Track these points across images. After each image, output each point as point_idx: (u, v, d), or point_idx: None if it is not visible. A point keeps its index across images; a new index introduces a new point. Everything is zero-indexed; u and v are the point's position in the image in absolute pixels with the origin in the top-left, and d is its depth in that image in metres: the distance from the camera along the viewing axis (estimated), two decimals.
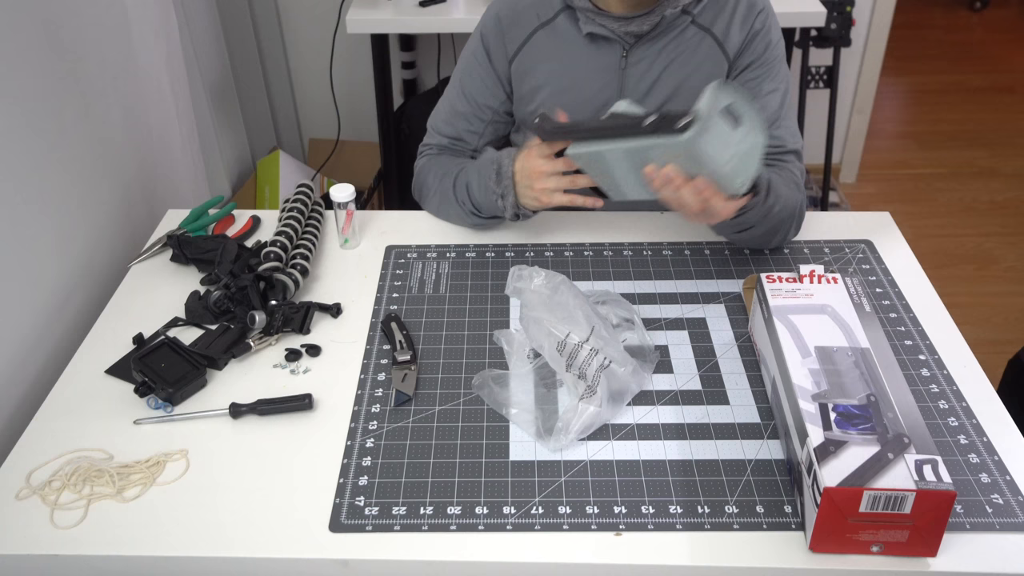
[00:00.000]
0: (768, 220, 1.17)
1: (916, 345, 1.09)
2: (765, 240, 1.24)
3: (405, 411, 1.01)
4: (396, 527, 0.87)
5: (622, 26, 1.22)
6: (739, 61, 1.26)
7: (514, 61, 1.30)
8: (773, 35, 1.26)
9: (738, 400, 1.02)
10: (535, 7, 1.28)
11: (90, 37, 1.36)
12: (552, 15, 1.27)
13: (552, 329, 1.01)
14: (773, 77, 1.26)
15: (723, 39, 1.24)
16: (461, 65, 1.36)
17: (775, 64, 1.26)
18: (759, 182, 1.11)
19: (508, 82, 1.33)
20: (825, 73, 2.62)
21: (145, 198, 1.53)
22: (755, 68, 1.25)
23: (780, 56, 1.26)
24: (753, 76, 1.25)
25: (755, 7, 1.24)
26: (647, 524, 0.87)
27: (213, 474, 0.94)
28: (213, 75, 2.23)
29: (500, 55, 1.31)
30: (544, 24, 1.28)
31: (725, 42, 1.24)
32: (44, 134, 1.21)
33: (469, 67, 1.34)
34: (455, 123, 1.36)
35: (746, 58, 1.25)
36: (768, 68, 1.25)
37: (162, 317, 1.16)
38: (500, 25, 1.30)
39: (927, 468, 0.78)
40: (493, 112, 1.35)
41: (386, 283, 1.22)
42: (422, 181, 1.37)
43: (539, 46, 1.29)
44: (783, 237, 1.25)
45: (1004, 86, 3.74)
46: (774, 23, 1.26)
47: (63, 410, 1.02)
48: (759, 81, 1.25)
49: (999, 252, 2.68)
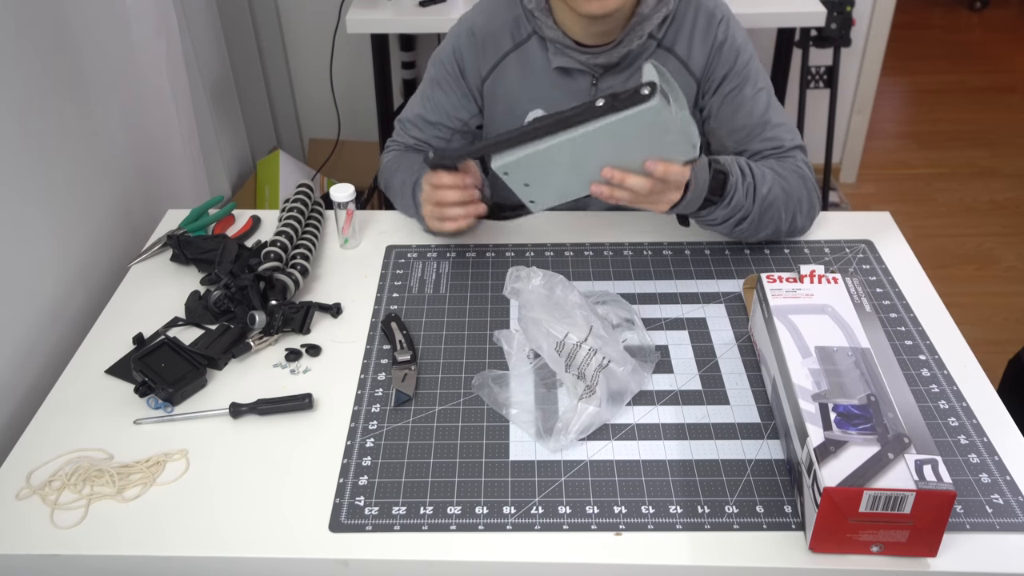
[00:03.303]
0: (760, 205, 1.16)
1: (916, 345, 1.09)
2: (767, 228, 1.21)
3: (405, 411, 1.01)
4: (396, 527, 0.87)
5: (591, 59, 1.21)
6: (710, 77, 1.25)
7: (487, 81, 1.30)
8: (739, 41, 1.24)
9: (738, 400, 1.02)
10: (510, 27, 1.27)
11: (90, 37, 1.36)
12: (525, 37, 1.26)
13: (550, 329, 1.01)
14: (752, 82, 1.25)
15: (686, 59, 1.24)
16: (432, 73, 1.33)
17: (749, 68, 1.25)
18: (726, 163, 1.13)
19: (480, 98, 1.32)
20: (825, 73, 2.62)
21: (145, 198, 1.53)
22: (731, 79, 1.25)
23: (751, 58, 1.26)
24: (732, 87, 1.25)
25: (713, 19, 1.23)
26: (647, 524, 0.87)
27: (213, 474, 0.94)
28: (213, 75, 2.23)
29: (473, 72, 1.30)
30: (517, 46, 1.27)
31: (688, 61, 1.24)
32: (44, 134, 1.21)
33: (440, 79, 1.32)
34: (424, 129, 1.35)
35: (718, 72, 1.25)
36: (744, 75, 1.25)
37: (162, 317, 1.16)
38: (474, 41, 1.28)
39: (927, 468, 0.78)
40: (463, 123, 1.34)
41: (386, 283, 1.22)
42: (387, 179, 1.36)
43: (510, 70, 1.28)
44: (790, 223, 1.22)
45: (1004, 86, 3.73)
46: (736, 28, 1.25)
47: (63, 410, 1.02)
48: (739, 89, 1.24)
49: (999, 252, 2.68)
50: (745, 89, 1.25)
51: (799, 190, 1.22)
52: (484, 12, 1.29)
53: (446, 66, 1.31)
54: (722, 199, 1.13)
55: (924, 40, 4.16)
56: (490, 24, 1.27)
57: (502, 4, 1.27)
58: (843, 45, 2.46)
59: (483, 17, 1.28)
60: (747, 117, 1.25)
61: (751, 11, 2.09)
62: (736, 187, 1.13)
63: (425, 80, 1.35)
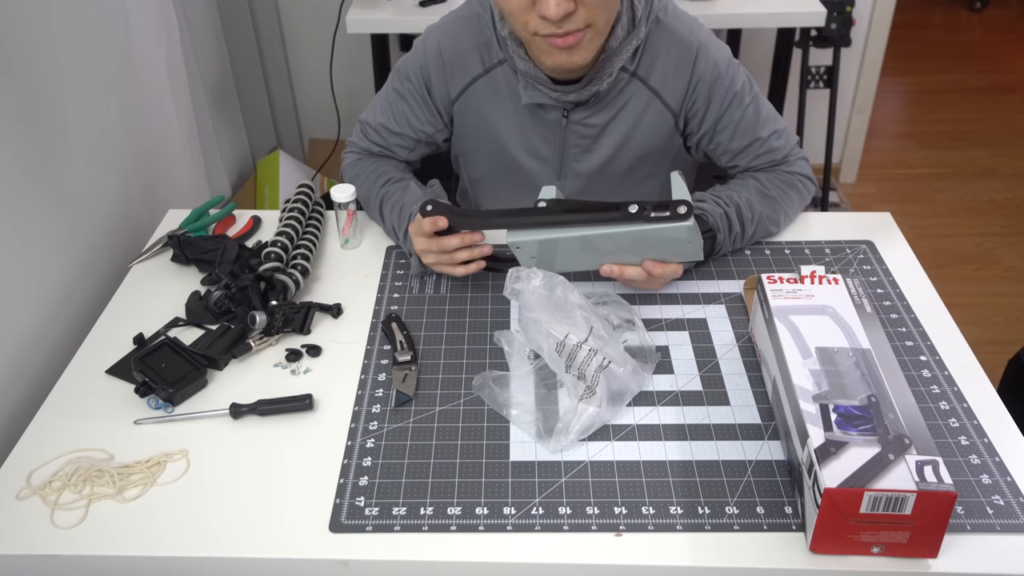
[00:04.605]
0: (750, 236, 1.24)
1: (917, 346, 1.09)
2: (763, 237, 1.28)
3: (405, 411, 1.01)
4: (396, 527, 0.87)
5: (561, 96, 1.19)
6: (692, 111, 1.24)
7: (456, 103, 1.28)
8: (720, 67, 1.21)
9: (739, 401, 1.02)
10: (480, 51, 1.24)
11: (90, 37, 1.36)
12: (496, 63, 1.23)
13: (550, 330, 1.01)
14: (739, 102, 1.23)
15: (661, 90, 1.22)
16: (397, 85, 1.30)
17: (733, 90, 1.22)
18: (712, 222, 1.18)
19: (448, 117, 1.31)
20: (825, 73, 2.62)
21: (145, 198, 1.53)
22: (717, 109, 1.23)
23: (733, 78, 1.22)
24: (719, 115, 1.23)
25: (689, 52, 1.20)
26: (647, 525, 0.87)
27: (213, 474, 0.94)
28: (213, 75, 2.23)
29: (442, 93, 1.28)
30: (488, 71, 1.24)
31: (663, 94, 1.23)
32: (44, 134, 1.21)
33: (405, 93, 1.29)
34: (387, 137, 1.33)
35: (699, 106, 1.23)
36: (729, 99, 1.23)
37: (162, 317, 1.16)
38: (442, 61, 1.25)
39: (928, 469, 0.78)
40: (428, 136, 1.33)
41: (387, 283, 1.22)
42: (358, 187, 1.29)
43: (479, 96, 1.26)
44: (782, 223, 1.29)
45: (1004, 86, 3.73)
46: (715, 53, 1.21)
47: (63, 410, 1.02)
48: (730, 112, 1.23)
49: (999, 252, 2.69)
50: (734, 113, 1.23)
51: (787, 200, 1.27)
52: (450, 33, 1.25)
53: (412, 81, 1.28)
54: (713, 253, 1.21)
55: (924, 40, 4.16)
56: (457, 47, 1.25)
57: (470, 27, 1.24)
58: (843, 45, 2.46)
59: (449, 39, 1.25)
60: (740, 139, 1.25)
61: (751, 11, 2.09)
62: (723, 243, 1.21)
63: (388, 88, 1.32)
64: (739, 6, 2.10)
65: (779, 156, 1.27)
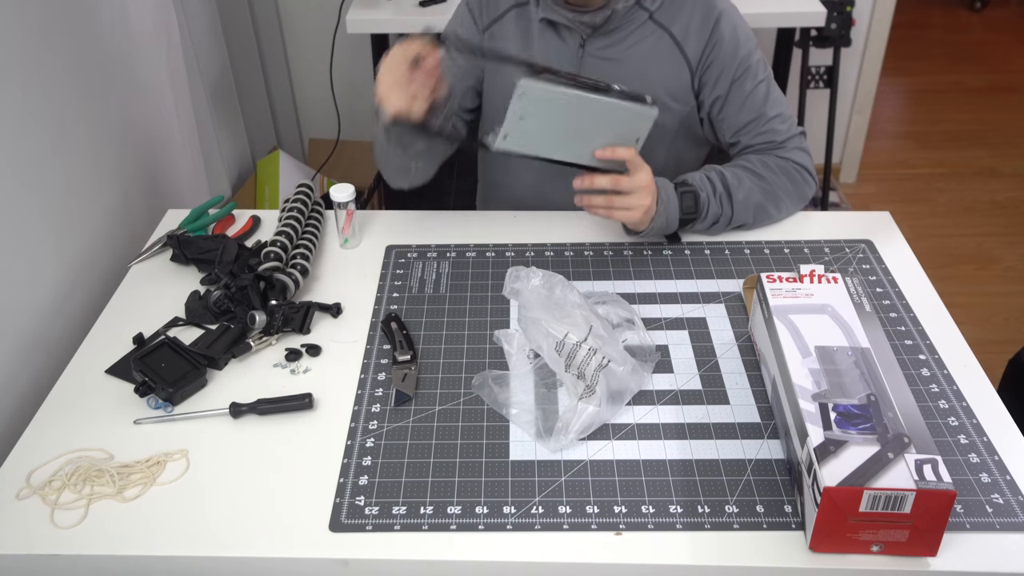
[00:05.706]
0: (740, 206, 1.25)
1: (916, 345, 1.09)
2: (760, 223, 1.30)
3: (405, 411, 1.01)
4: (396, 527, 0.87)
5: (576, 16, 1.23)
6: (707, 71, 1.26)
7: (487, 32, 1.33)
8: (739, 36, 1.25)
9: (738, 400, 1.02)
10: None
11: (90, 37, 1.36)
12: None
13: (550, 329, 1.01)
14: (752, 75, 1.26)
15: (682, 40, 1.25)
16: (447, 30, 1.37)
17: (748, 62, 1.26)
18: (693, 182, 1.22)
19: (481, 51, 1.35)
20: (825, 73, 2.62)
21: (145, 198, 1.53)
22: (730, 75, 1.26)
23: (750, 52, 1.26)
24: (731, 82, 1.26)
25: (712, 11, 1.24)
26: (647, 524, 0.87)
27: (213, 474, 0.94)
28: (213, 75, 2.23)
29: (481, 21, 1.34)
30: (520, 4, 1.30)
31: (684, 43, 1.25)
32: (44, 134, 1.21)
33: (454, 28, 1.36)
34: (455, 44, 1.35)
35: (715, 67, 1.26)
36: (743, 70, 1.26)
37: (162, 317, 1.16)
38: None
39: (927, 468, 0.78)
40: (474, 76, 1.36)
41: (386, 283, 1.22)
42: None
43: (508, 26, 1.31)
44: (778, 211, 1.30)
45: (1004, 86, 3.73)
46: (736, 21, 1.26)
47: (63, 410, 1.02)
48: (739, 84, 1.26)
49: (999, 252, 2.68)
50: (745, 84, 1.26)
51: (779, 183, 1.28)
52: None
53: (461, 19, 1.35)
54: (698, 214, 1.22)
55: (924, 40, 4.16)
56: None
57: None
58: (843, 45, 2.46)
59: None
60: (746, 113, 1.27)
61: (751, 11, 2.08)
62: (708, 201, 1.22)
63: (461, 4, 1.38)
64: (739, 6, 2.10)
65: (778, 139, 1.29)
